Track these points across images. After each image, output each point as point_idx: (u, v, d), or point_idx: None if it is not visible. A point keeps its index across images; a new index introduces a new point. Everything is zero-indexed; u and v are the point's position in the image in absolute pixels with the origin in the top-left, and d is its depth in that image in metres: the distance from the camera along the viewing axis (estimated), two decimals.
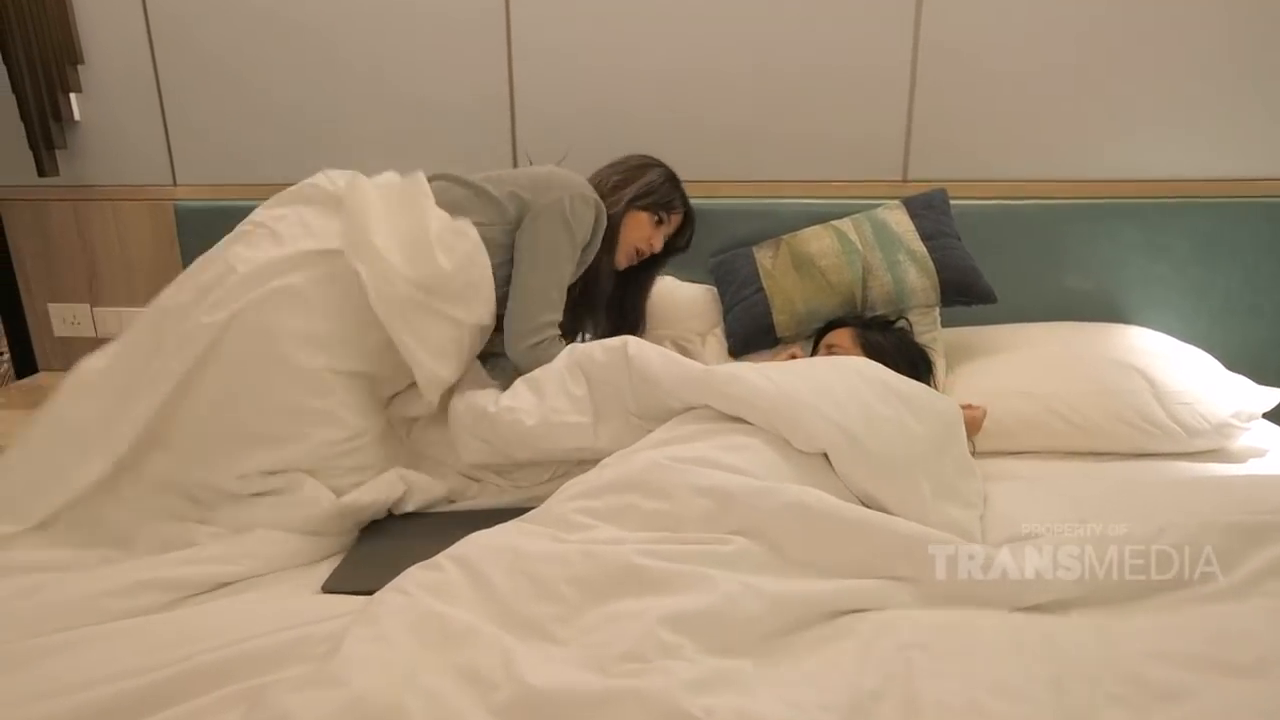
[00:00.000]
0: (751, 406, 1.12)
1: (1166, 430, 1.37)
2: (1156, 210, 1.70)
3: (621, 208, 1.50)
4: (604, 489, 1.02)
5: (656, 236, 1.56)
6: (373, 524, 1.27)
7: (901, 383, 1.21)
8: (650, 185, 1.52)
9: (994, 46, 1.71)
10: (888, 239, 1.61)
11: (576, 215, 1.40)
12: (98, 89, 1.99)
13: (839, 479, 1.09)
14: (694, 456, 1.04)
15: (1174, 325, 1.72)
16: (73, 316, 2.17)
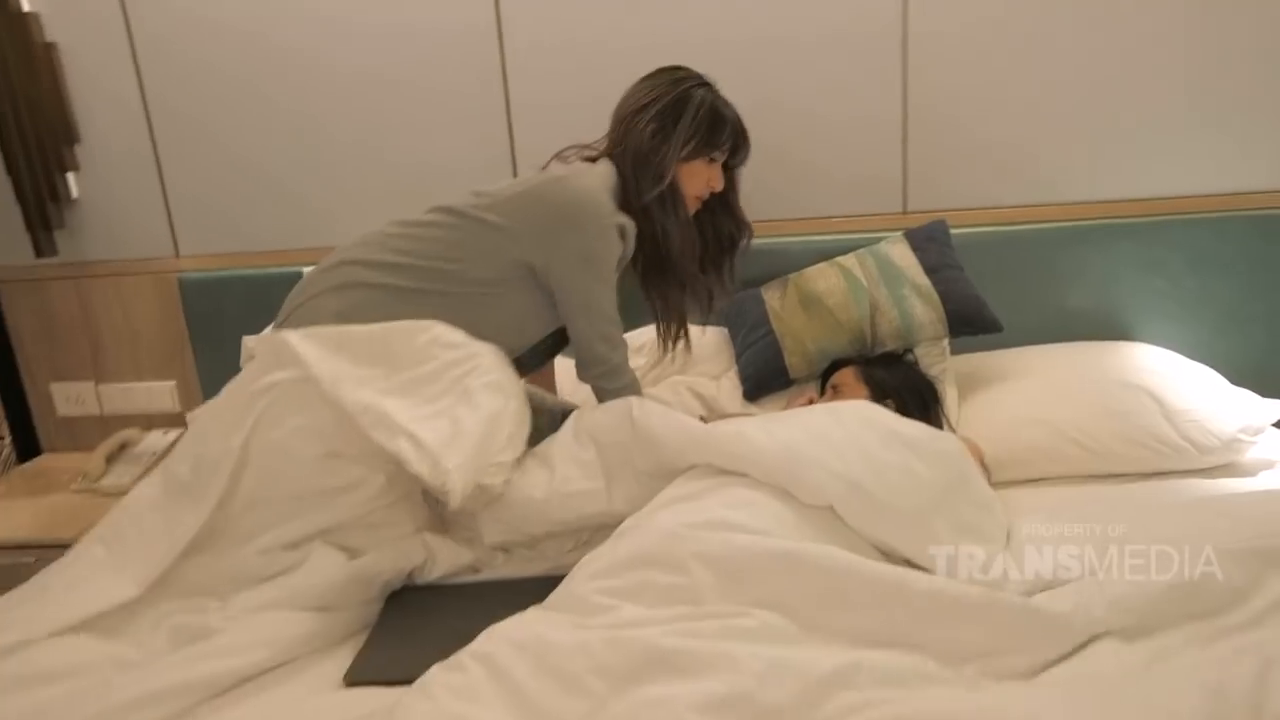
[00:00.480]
0: (755, 464, 1.13)
1: (1178, 449, 1.40)
2: (1150, 228, 1.75)
3: (670, 167, 1.34)
4: (621, 566, 1.02)
5: (715, 175, 1.41)
6: (395, 597, 1.24)
7: (904, 425, 1.22)
8: (695, 126, 1.36)
9: (982, 78, 1.75)
10: (892, 274, 1.64)
11: (600, 258, 1.32)
12: (95, 166, 2.00)
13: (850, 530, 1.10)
14: (704, 520, 1.04)
15: (1175, 338, 1.76)
16: (76, 395, 2.15)
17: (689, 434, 1.21)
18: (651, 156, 1.34)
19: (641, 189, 1.35)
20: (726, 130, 1.39)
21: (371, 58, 1.87)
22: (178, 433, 2.06)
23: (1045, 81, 1.74)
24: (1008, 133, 1.78)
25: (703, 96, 1.38)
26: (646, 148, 1.34)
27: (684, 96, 1.36)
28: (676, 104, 1.36)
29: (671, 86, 1.37)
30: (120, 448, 2.02)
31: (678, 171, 1.36)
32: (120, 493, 1.86)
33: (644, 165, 1.35)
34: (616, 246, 1.33)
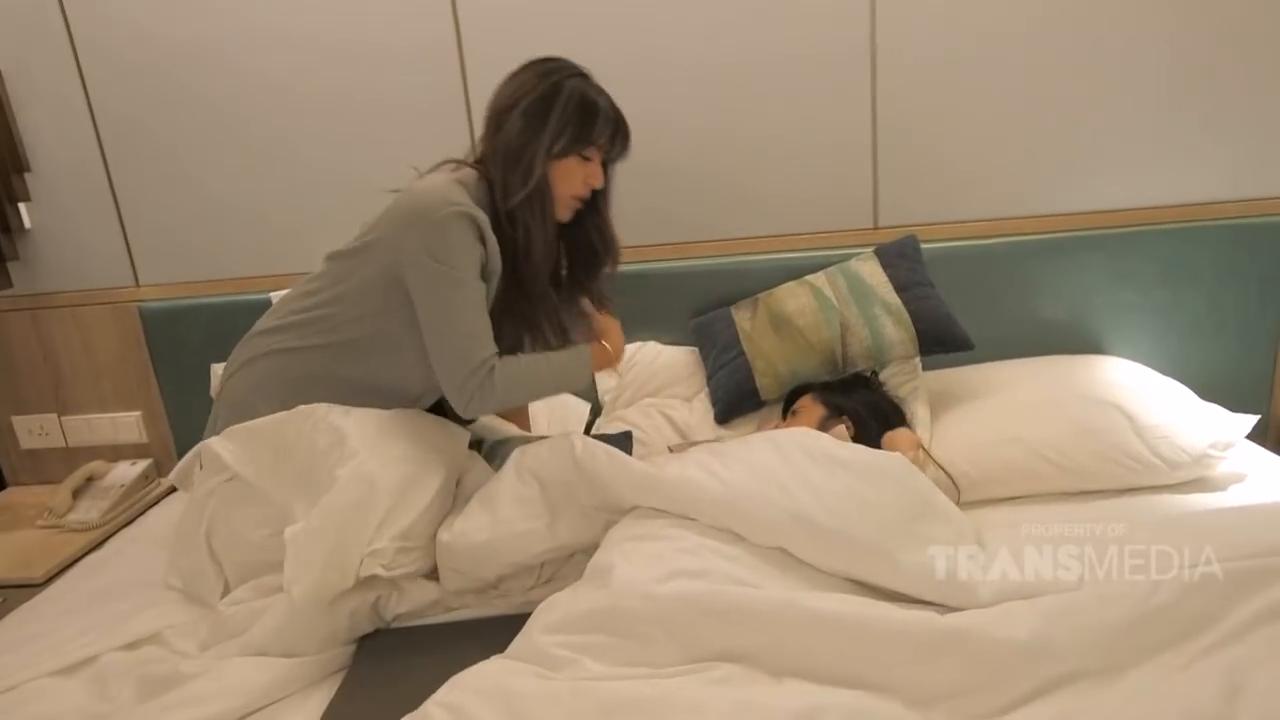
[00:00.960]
0: (702, 511, 1.12)
1: (1149, 465, 1.40)
2: (1120, 239, 1.74)
3: (540, 165, 1.26)
4: (580, 621, 1.01)
5: (593, 172, 1.32)
6: (368, 641, 1.23)
7: (844, 451, 1.21)
8: (565, 119, 1.27)
9: (950, 95, 1.74)
10: (862, 293, 1.63)
11: (448, 249, 1.22)
12: (48, 195, 1.94)
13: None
14: (664, 573, 1.03)
15: (1146, 349, 1.76)
16: (40, 427, 2.10)
17: (632, 476, 1.19)
18: (520, 155, 1.26)
19: (509, 189, 1.26)
20: (599, 122, 1.29)
21: (332, 77, 1.82)
22: (145, 464, 2.02)
23: (1013, 96, 1.73)
24: (977, 147, 1.77)
25: (573, 87, 1.28)
26: (515, 145, 1.26)
27: (553, 89, 1.27)
28: (545, 98, 1.27)
29: (539, 80, 1.28)
30: (86, 481, 1.98)
31: (549, 170, 1.28)
32: (87, 528, 1.84)
33: (513, 164, 1.27)
34: (467, 239, 1.23)
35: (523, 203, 1.27)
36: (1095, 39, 1.69)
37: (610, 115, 1.32)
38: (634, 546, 1.09)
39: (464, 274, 1.24)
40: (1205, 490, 1.41)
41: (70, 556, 1.74)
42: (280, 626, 1.15)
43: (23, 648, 1.24)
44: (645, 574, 1.03)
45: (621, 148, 1.36)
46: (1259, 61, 1.67)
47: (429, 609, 1.26)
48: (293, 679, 1.14)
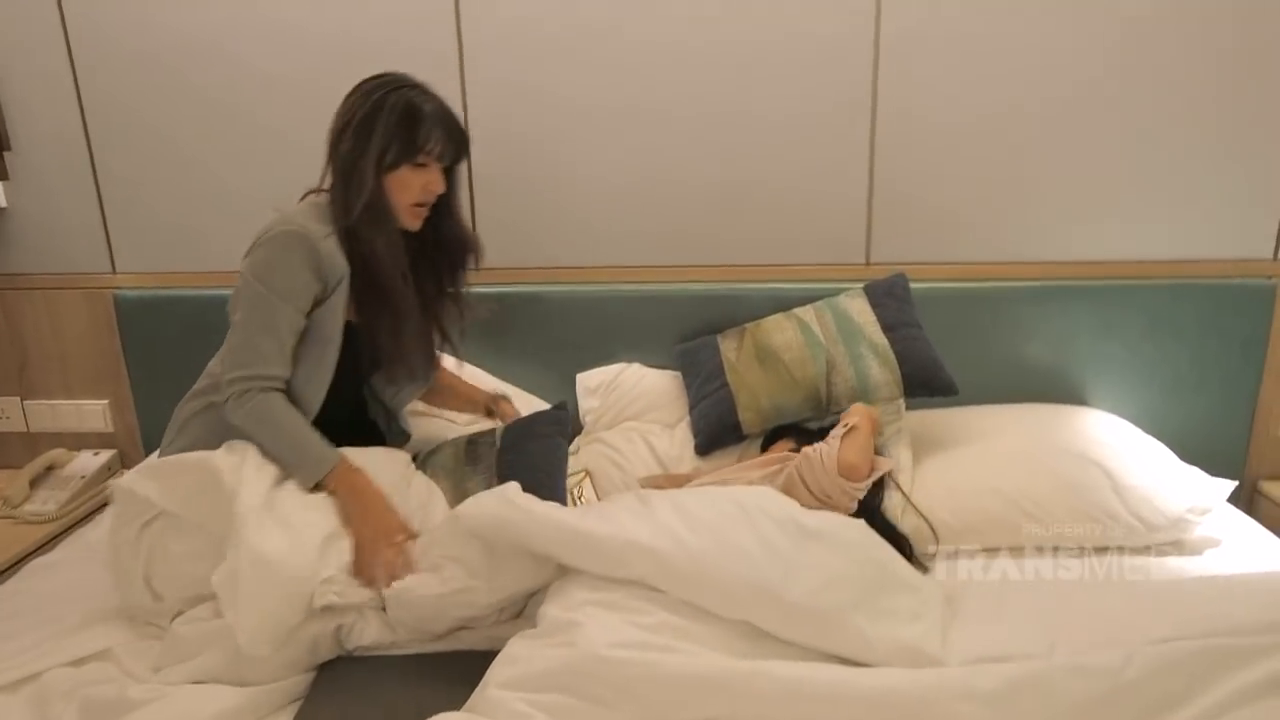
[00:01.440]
0: (664, 580, 1.08)
1: (1127, 525, 1.40)
2: (1108, 291, 1.75)
3: (371, 179, 1.30)
4: (540, 680, 0.98)
5: (433, 179, 1.35)
6: (327, 669, 1.18)
7: (810, 518, 1.18)
8: (391, 131, 1.30)
9: (950, 138, 1.74)
10: (850, 331, 1.62)
11: (268, 268, 1.28)
12: (27, 175, 1.89)
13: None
14: (626, 640, 1.00)
15: (1127, 401, 1.77)
16: (2, 411, 2.04)
17: (576, 541, 1.13)
18: (352, 172, 1.31)
19: (348, 207, 1.31)
20: (425, 127, 1.32)
21: (328, 74, 1.74)
22: (109, 454, 1.97)
23: (1012, 144, 1.73)
24: (971, 192, 1.77)
25: (396, 99, 1.32)
26: (347, 163, 1.32)
27: (377, 105, 1.31)
28: (370, 115, 1.31)
29: (364, 98, 1.33)
30: (46, 469, 1.93)
31: (384, 183, 1.32)
32: (43, 520, 1.78)
33: (347, 182, 1.32)
34: (291, 257, 1.28)
35: (360, 217, 1.31)
36: (1092, 95, 1.69)
37: (438, 119, 1.34)
38: (599, 611, 1.06)
39: (276, 295, 1.28)
40: (1180, 553, 1.41)
41: (23, 550, 1.69)
42: (234, 653, 1.11)
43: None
44: (609, 637, 1.00)
45: (455, 151, 1.38)
46: (1252, 125, 1.69)
47: (390, 647, 1.22)
48: (245, 709, 1.10)
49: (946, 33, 1.68)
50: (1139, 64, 1.67)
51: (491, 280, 1.87)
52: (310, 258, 1.29)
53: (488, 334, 1.84)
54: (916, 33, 1.69)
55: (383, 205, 1.32)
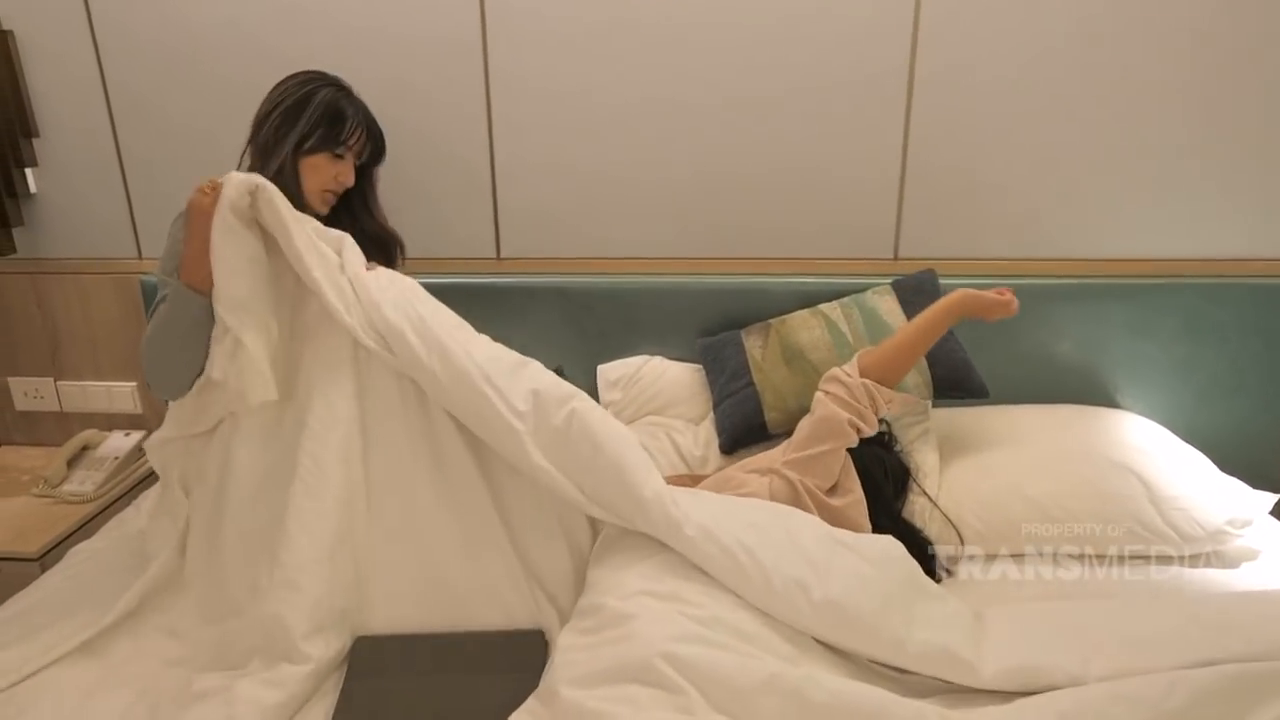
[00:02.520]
0: (709, 561, 1.11)
1: (1162, 535, 1.37)
2: (1144, 290, 1.70)
3: (289, 160, 1.40)
4: (605, 678, 0.99)
5: (343, 170, 1.46)
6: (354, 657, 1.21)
7: (840, 532, 1.21)
8: (315, 121, 1.42)
9: (982, 132, 1.69)
10: (879, 331, 1.59)
11: (164, 252, 1.39)
12: (55, 161, 1.90)
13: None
14: (681, 633, 1.02)
15: (1160, 404, 1.73)
16: (35, 390, 2.08)
17: (644, 514, 1.17)
18: (272, 150, 1.41)
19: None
20: (350, 124, 1.44)
21: (352, 65, 1.74)
22: (139, 435, 2.00)
23: (1049, 135, 1.68)
24: (1007, 185, 1.72)
25: (325, 95, 1.44)
26: (269, 141, 1.42)
27: (307, 96, 1.43)
28: (299, 103, 1.42)
29: (299, 87, 1.44)
30: (81, 450, 1.97)
31: (299, 164, 1.42)
32: (81, 500, 1.82)
33: (266, 159, 1.41)
34: (178, 227, 1.36)
35: None
36: (1139, 84, 1.63)
37: (360, 120, 1.47)
38: (653, 602, 1.08)
39: (162, 272, 1.36)
40: (1217, 565, 1.38)
41: (65, 531, 1.74)
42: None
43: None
44: (667, 630, 1.02)
45: (374, 150, 1.51)
46: None
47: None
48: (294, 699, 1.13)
49: (986, 21, 1.62)
50: (1181, 58, 1.60)
51: (513, 270, 1.87)
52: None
53: (507, 323, 1.84)
54: (956, 20, 1.63)
55: (291, 184, 1.40)
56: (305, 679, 1.14)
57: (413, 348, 1.23)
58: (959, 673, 1.05)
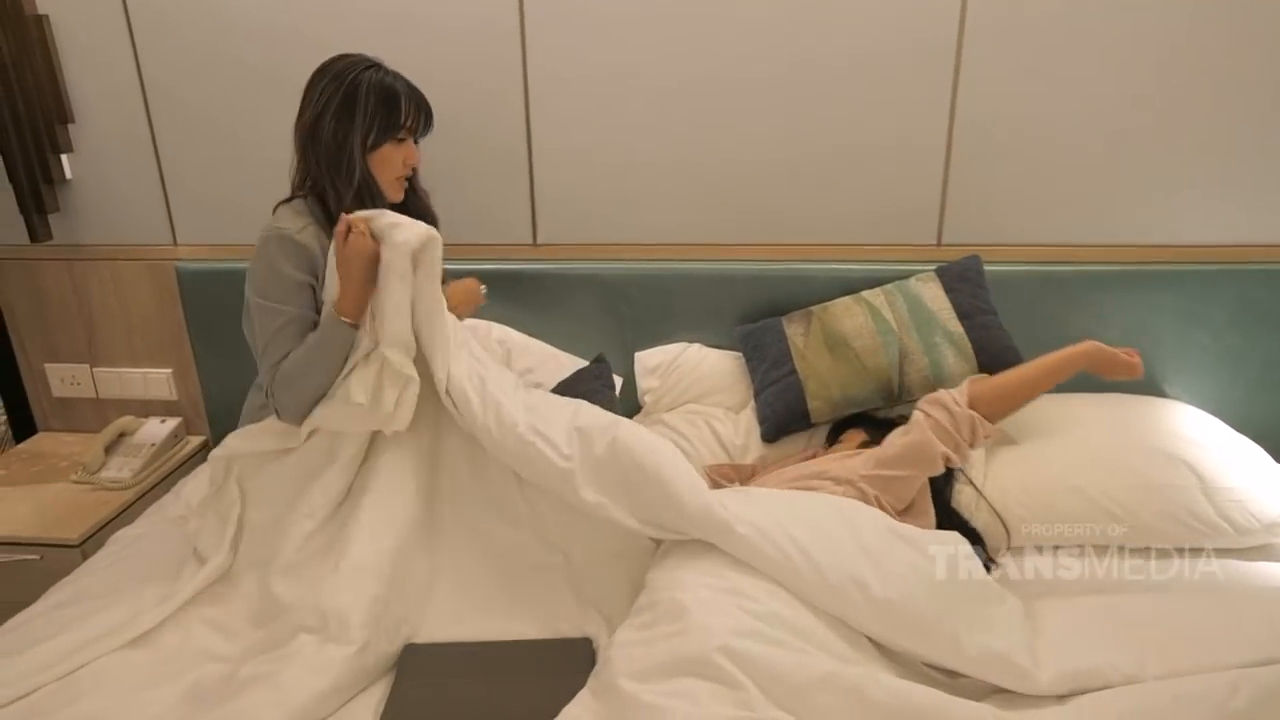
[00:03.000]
0: (763, 559, 1.10)
1: (1215, 528, 1.35)
2: (1195, 276, 1.66)
3: (359, 158, 1.36)
4: (664, 671, 0.99)
5: (409, 152, 1.43)
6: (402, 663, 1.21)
7: (902, 527, 1.19)
8: (370, 114, 1.36)
9: (1030, 114, 1.65)
10: (924, 318, 1.57)
11: (257, 278, 1.35)
12: (90, 147, 1.90)
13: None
14: (740, 628, 1.01)
15: (1211, 393, 1.69)
16: (72, 377, 2.09)
17: (701, 511, 1.17)
18: (340, 156, 1.36)
19: (340, 192, 1.36)
20: (403, 105, 1.39)
21: (386, 50, 1.72)
22: (175, 422, 2.01)
23: (1098, 118, 1.64)
24: (1054, 168, 1.68)
25: (370, 79, 1.37)
26: (333, 149, 1.36)
27: (352, 88, 1.36)
28: (348, 98, 1.36)
29: (336, 83, 1.36)
30: (118, 436, 1.98)
31: (369, 163, 1.38)
32: (120, 488, 1.84)
33: (336, 168, 1.36)
34: (274, 257, 1.33)
35: (355, 200, 1.36)
36: (1191, 66, 1.59)
37: (410, 96, 1.42)
38: (711, 596, 1.07)
39: (268, 299, 1.34)
40: (1270, 559, 1.36)
41: (105, 517, 1.75)
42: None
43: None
44: (724, 623, 1.01)
45: (426, 123, 1.46)
46: None
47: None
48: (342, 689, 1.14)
49: (1035, 3, 1.58)
50: (1230, 37, 1.56)
51: (550, 257, 1.86)
52: (290, 253, 1.33)
53: (543, 310, 1.83)
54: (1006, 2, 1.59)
55: (372, 185, 1.38)
56: (351, 664, 1.14)
57: (472, 405, 1.29)
58: (1016, 680, 1.04)
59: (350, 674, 1.14)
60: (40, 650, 1.19)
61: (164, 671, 1.18)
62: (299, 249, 1.34)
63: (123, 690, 1.14)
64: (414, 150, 1.43)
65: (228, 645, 1.24)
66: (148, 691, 1.14)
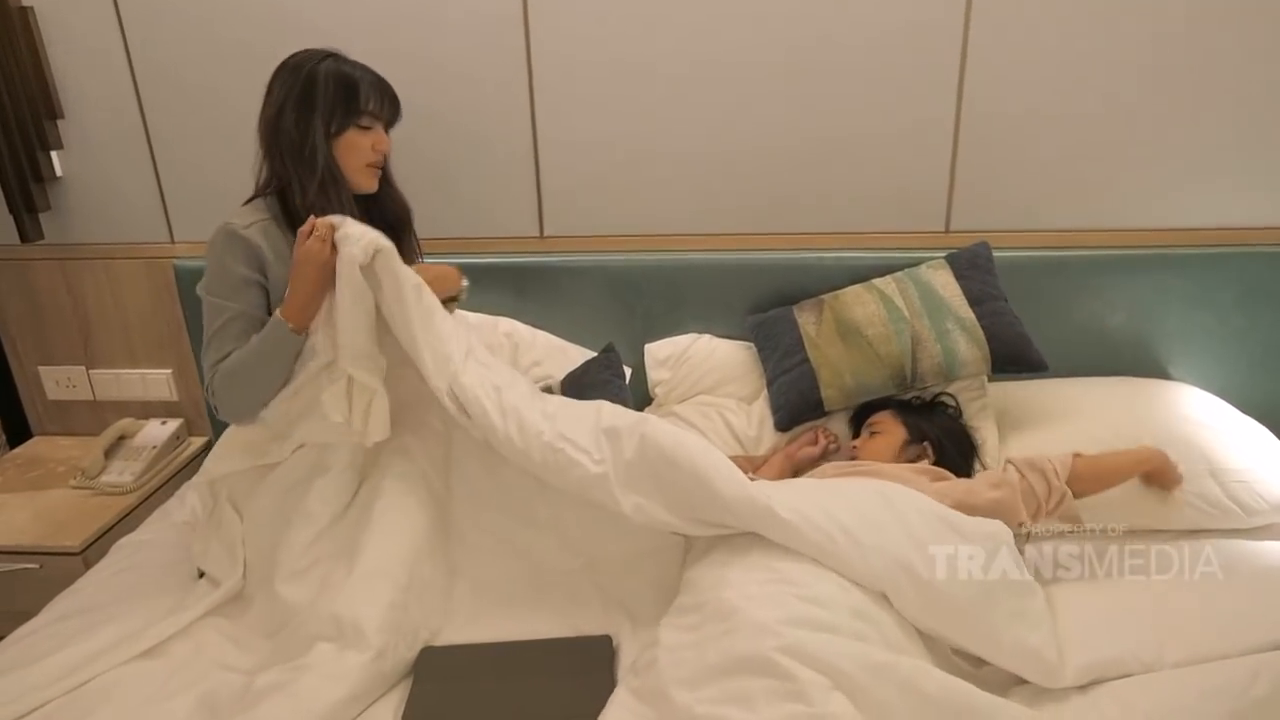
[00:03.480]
0: (807, 543, 1.10)
1: (1224, 509, 1.37)
2: (1200, 259, 1.68)
3: (324, 147, 1.33)
4: (717, 674, 0.98)
5: (378, 138, 1.39)
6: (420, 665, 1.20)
7: (949, 513, 1.18)
8: (330, 102, 1.33)
9: (1037, 98, 1.65)
10: (935, 305, 1.57)
11: (209, 269, 1.32)
12: (81, 144, 1.85)
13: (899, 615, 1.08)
14: (790, 616, 1.01)
15: (1216, 375, 1.72)
16: (67, 379, 2.05)
17: (742, 493, 1.16)
18: (302, 146, 1.33)
19: (304, 184, 1.33)
20: (363, 89, 1.36)
21: (386, 38, 1.71)
22: (176, 424, 1.98)
23: (1105, 101, 1.64)
24: (1062, 152, 1.68)
25: (327, 69, 1.35)
26: (295, 140, 1.33)
27: (310, 78, 1.34)
28: (306, 87, 1.33)
29: (295, 74, 1.35)
30: (118, 439, 1.95)
31: (335, 149, 1.35)
32: (121, 492, 1.81)
33: (298, 159, 1.34)
34: (222, 254, 1.31)
35: (318, 191, 1.33)
36: (1196, 51, 1.59)
37: (371, 82, 1.38)
38: (760, 590, 1.06)
39: (213, 295, 1.32)
40: (1275, 538, 1.38)
41: (107, 523, 1.72)
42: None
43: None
44: (774, 614, 1.01)
45: (393, 110, 1.42)
46: None
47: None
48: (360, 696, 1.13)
49: None
50: (1238, 21, 1.56)
51: (557, 250, 1.84)
52: (236, 249, 1.31)
53: (551, 304, 1.82)
54: None
55: (336, 174, 1.35)
56: (368, 670, 1.13)
57: (491, 418, 1.26)
58: (1042, 673, 1.05)
59: (368, 680, 1.13)
60: (47, 663, 1.17)
61: (176, 683, 1.16)
62: (245, 245, 1.31)
63: (135, 703, 1.12)
64: (384, 136, 1.41)
65: (241, 655, 1.22)
66: (160, 704, 1.12)
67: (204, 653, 1.22)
